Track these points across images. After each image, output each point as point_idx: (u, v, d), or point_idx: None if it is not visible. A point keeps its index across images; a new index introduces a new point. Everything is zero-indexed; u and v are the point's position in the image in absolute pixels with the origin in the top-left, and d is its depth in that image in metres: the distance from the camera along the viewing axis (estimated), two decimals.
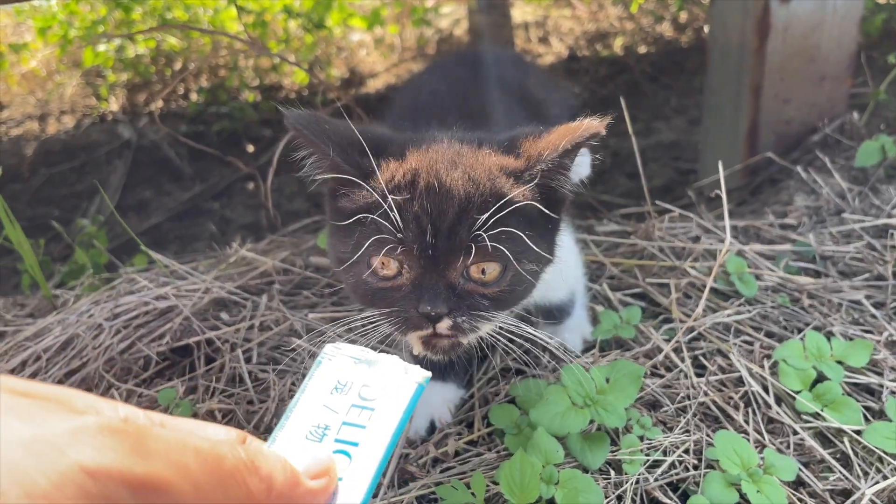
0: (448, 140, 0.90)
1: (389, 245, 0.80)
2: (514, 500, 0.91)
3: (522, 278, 0.85)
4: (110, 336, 1.31)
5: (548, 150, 0.84)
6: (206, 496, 0.43)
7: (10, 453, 0.36)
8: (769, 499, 0.95)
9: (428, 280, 0.80)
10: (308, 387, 0.62)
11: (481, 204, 0.80)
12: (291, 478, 0.50)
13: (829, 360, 1.15)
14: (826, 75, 1.88)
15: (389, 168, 0.85)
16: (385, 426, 0.58)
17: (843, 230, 1.51)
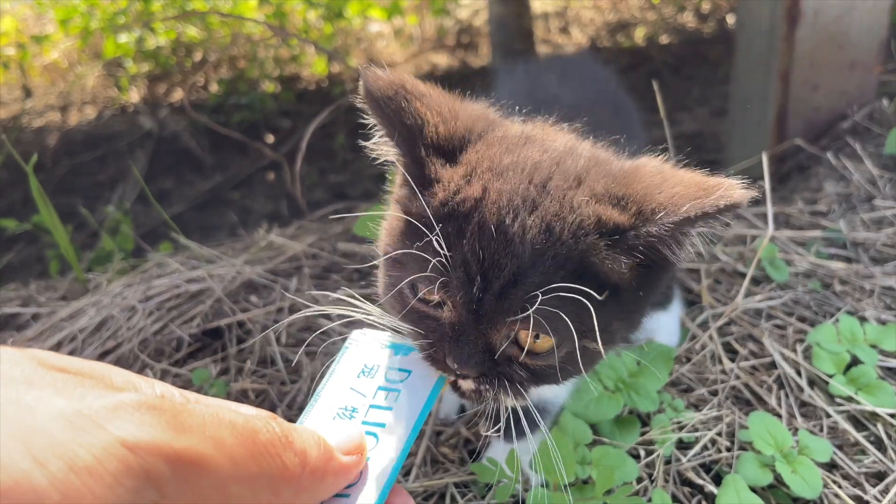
0: (545, 157, 0.70)
1: (432, 281, 0.65)
2: (550, 478, 0.92)
3: (581, 357, 0.67)
4: (144, 317, 1.33)
5: (664, 211, 0.62)
6: (242, 469, 0.44)
7: (52, 427, 0.37)
8: (804, 479, 0.94)
9: (468, 332, 0.65)
10: (336, 370, 0.63)
11: (552, 267, 0.63)
12: (325, 453, 0.51)
13: (863, 344, 1.15)
14: (856, 62, 1.86)
15: (449, 185, 0.67)
16: (411, 408, 0.59)
17: (875, 216, 1.49)
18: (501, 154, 0.70)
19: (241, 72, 3.79)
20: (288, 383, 1.20)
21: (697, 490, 1.00)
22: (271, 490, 0.46)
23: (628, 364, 1.09)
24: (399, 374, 0.63)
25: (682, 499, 0.98)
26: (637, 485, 0.99)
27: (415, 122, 0.69)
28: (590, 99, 1.19)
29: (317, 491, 0.50)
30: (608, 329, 0.67)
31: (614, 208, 0.65)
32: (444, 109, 0.72)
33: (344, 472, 0.52)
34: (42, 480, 0.35)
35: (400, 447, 0.56)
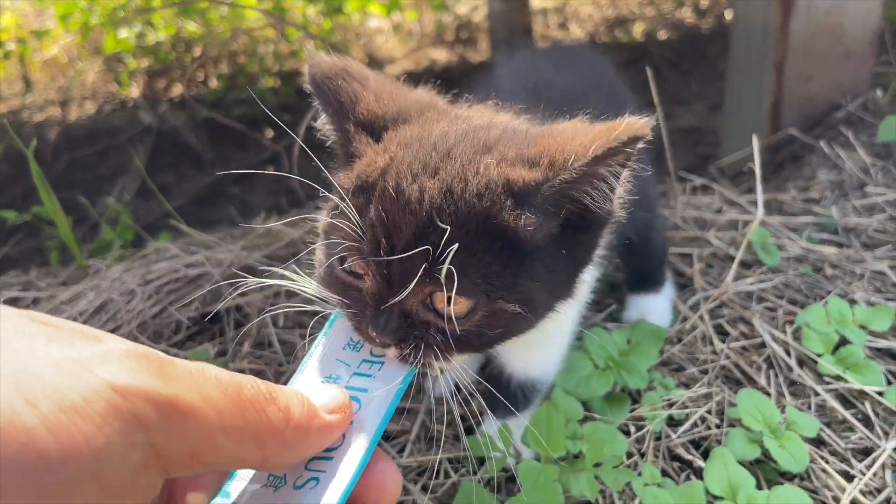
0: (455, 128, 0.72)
1: (350, 249, 0.67)
2: (541, 451, 0.93)
3: (498, 319, 0.67)
4: (143, 301, 1.34)
5: (573, 156, 0.64)
6: (228, 421, 0.44)
7: (42, 371, 0.38)
8: (791, 454, 0.96)
9: (383, 299, 0.66)
10: (322, 342, 0.65)
11: (453, 225, 0.63)
12: (309, 410, 0.51)
13: (852, 325, 1.16)
14: (849, 53, 1.87)
15: (366, 159, 0.70)
16: (393, 375, 0.61)
17: (866, 203, 1.51)
18: (412, 129, 0.72)
19: (240, 67, 3.81)
20: (284, 364, 1.21)
21: (686, 465, 1.02)
22: (256, 443, 0.47)
23: (619, 343, 1.11)
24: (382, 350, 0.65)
25: (672, 473, 1.00)
26: (627, 460, 1.01)
27: (348, 100, 0.72)
28: (584, 86, 1.20)
29: (301, 447, 0.51)
30: (525, 290, 0.67)
31: (525, 167, 0.67)
32: (382, 92, 0.74)
33: (328, 431, 0.53)
34: (33, 419, 0.36)
35: (382, 412, 0.57)
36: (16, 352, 0.39)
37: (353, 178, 0.69)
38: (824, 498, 0.96)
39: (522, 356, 0.98)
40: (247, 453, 0.47)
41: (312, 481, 0.53)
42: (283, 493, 0.53)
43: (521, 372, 1.00)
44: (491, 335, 0.69)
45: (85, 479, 0.38)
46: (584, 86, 1.17)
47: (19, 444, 0.35)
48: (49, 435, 0.36)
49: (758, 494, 0.87)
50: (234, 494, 0.54)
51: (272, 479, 0.54)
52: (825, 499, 0.96)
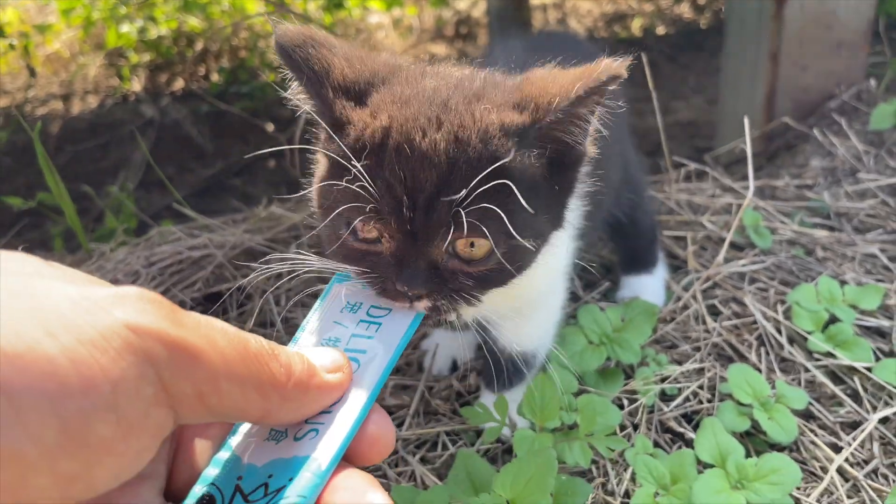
0: (442, 83, 0.75)
1: (365, 214, 0.68)
2: (536, 421, 0.96)
3: (516, 255, 0.73)
4: (147, 282, 1.37)
5: (557, 98, 0.68)
6: (233, 369, 0.46)
7: (61, 307, 0.40)
8: (780, 425, 0.99)
9: (408, 255, 0.68)
10: (320, 306, 0.65)
11: (469, 172, 0.67)
12: (309, 368, 0.53)
13: (842, 304, 1.19)
14: (843, 42, 1.89)
15: (359, 123, 0.71)
16: (392, 336, 0.62)
17: (858, 189, 1.53)
18: (401, 88, 0.74)
19: (241, 61, 3.83)
20: (287, 342, 1.24)
21: (678, 437, 1.04)
22: (260, 393, 0.48)
23: (613, 320, 1.13)
24: (381, 311, 0.66)
25: (664, 444, 1.03)
26: (620, 432, 1.03)
27: (322, 67, 0.73)
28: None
29: (301, 402, 0.52)
30: (533, 224, 0.72)
31: (514, 111, 0.71)
32: (351, 56, 0.76)
33: (327, 389, 0.55)
34: (53, 348, 0.38)
35: (380, 370, 0.59)
36: (35, 289, 0.41)
37: (352, 143, 0.70)
38: (812, 468, 0.98)
39: (515, 330, 1.00)
40: (250, 403, 0.48)
41: (312, 432, 0.54)
42: (283, 445, 0.55)
43: (514, 346, 1.03)
44: (511, 269, 0.73)
45: (102, 410, 0.39)
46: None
47: (41, 372, 0.37)
48: (69, 364, 0.38)
49: (747, 462, 0.90)
50: (236, 448, 0.55)
51: (273, 433, 0.56)
52: (813, 469, 0.98)
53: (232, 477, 0.53)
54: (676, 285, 1.31)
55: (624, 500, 0.94)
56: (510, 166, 0.68)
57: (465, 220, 0.66)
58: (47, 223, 2.44)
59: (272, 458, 0.54)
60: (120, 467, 0.42)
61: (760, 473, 0.88)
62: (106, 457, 0.40)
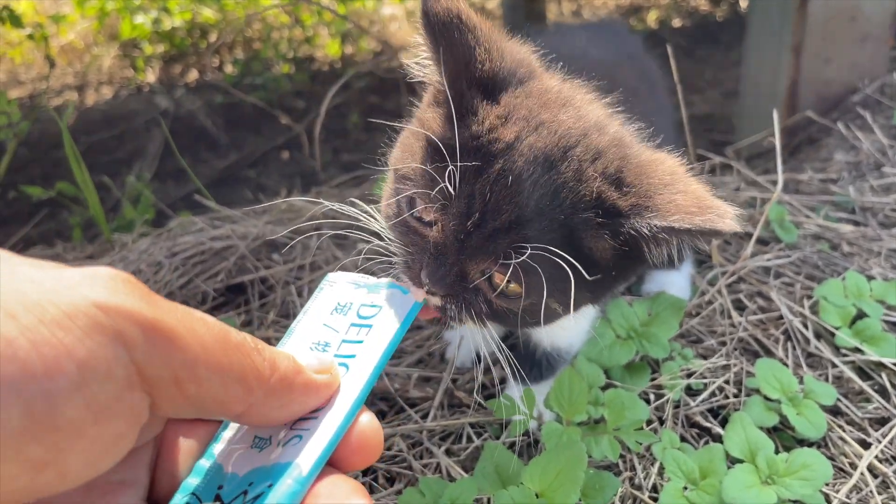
0: (575, 124, 0.72)
1: (434, 203, 0.69)
2: (564, 414, 0.95)
3: (538, 312, 0.71)
4: (170, 272, 1.37)
5: (657, 212, 0.66)
6: (212, 357, 0.44)
7: (24, 288, 0.37)
8: (809, 421, 0.98)
9: (446, 256, 0.68)
10: (310, 308, 0.64)
11: (547, 229, 0.67)
12: (295, 366, 0.51)
13: (869, 299, 1.18)
14: (868, 35, 1.87)
15: (485, 122, 0.70)
16: (381, 340, 0.61)
17: (883, 183, 1.52)
18: (539, 108, 0.73)
19: (255, 53, 3.83)
20: None
21: (705, 432, 1.04)
22: (242, 385, 0.46)
23: (640, 314, 1.13)
24: (371, 311, 0.65)
25: (690, 439, 1.02)
26: (647, 427, 1.03)
27: (463, 54, 0.71)
28: (616, 59, 1.19)
29: (287, 400, 0.51)
30: (572, 295, 0.70)
31: (617, 191, 0.69)
32: (492, 47, 0.74)
33: (314, 389, 0.53)
34: (13, 330, 0.36)
35: (368, 374, 0.58)
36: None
37: (467, 137, 0.69)
38: (841, 465, 0.98)
39: (550, 329, 0.98)
40: (231, 395, 0.46)
41: (296, 439, 0.52)
42: (266, 453, 0.53)
43: (546, 342, 1.03)
44: (528, 320, 0.73)
45: (69, 392, 0.38)
46: (615, 59, 1.18)
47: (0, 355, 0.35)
48: (30, 345, 0.36)
49: (777, 457, 0.89)
50: (218, 455, 0.54)
51: (257, 440, 0.54)
52: (842, 465, 0.98)
53: (213, 486, 0.52)
54: (701, 280, 1.30)
55: (652, 494, 0.93)
56: (582, 238, 0.69)
57: (512, 264, 0.66)
58: (63, 214, 2.45)
59: (255, 465, 0.52)
60: (93, 454, 0.40)
61: (791, 469, 0.87)
62: (77, 441, 0.38)
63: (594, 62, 1.08)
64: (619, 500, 0.93)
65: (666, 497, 0.87)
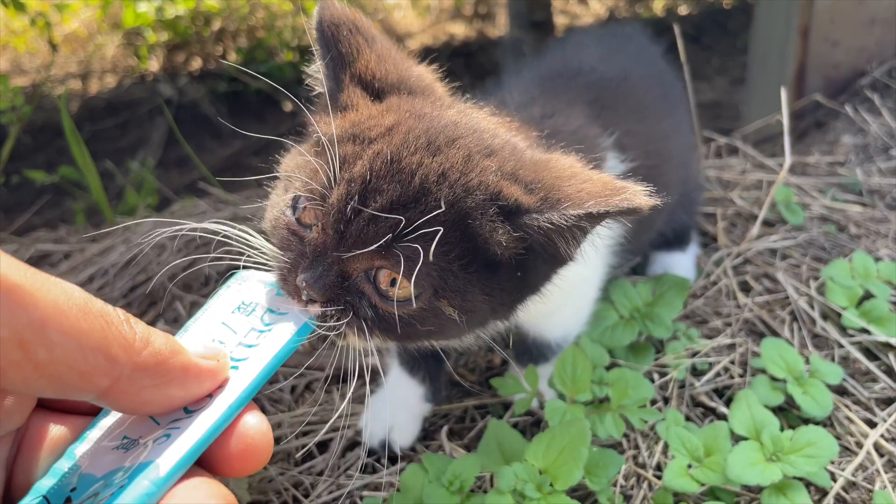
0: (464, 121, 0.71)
1: (313, 194, 0.64)
2: (567, 393, 0.95)
3: (432, 318, 0.66)
4: (173, 254, 1.37)
5: (570, 201, 0.62)
6: (66, 318, 0.40)
7: None
8: (815, 400, 0.97)
9: (326, 254, 0.63)
10: (211, 305, 0.60)
11: (431, 208, 0.62)
12: (172, 345, 0.47)
13: (876, 280, 1.17)
14: (876, 18, 1.85)
15: (363, 113, 0.69)
16: (275, 345, 0.57)
17: (891, 165, 1.51)
18: (423, 106, 0.71)
19: (259, 41, 3.82)
20: None
21: (710, 411, 1.03)
22: (104, 354, 0.42)
23: (644, 294, 1.12)
24: (274, 317, 0.60)
25: (695, 418, 1.02)
26: (651, 406, 1.02)
27: (349, 51, 0.70)
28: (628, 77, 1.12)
29: (163, 381, 0.46)
30: (471, 299, 0.66)
31: (520, 188, 0.65)
32: (386, 55, 0.73)
33: (195, 374, 0.48)
34: None
35: (254, 375, 0.54)
36: None
37: (346, 126, 0.67)
38: (847, 444, 0.97)
39: (541, 322, 0.96)
40: (93, 366, 0.41)
41: (164, 437, 0.48)
42: (132, 453, 0.48)
43: (539, 335, 1.00)
44: (420, 330, 0.67)
45: None
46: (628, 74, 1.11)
47: None
48: None
49: (782, 434, 0.88)
50: (79, 456, 0.49)
51: (125, 440, 0.50)
52: (848, 444, 0.97)
53: (65, 488, 0.47)
54: (707, 261, 1.29)
55: (656, 472, 0.93)
56: (479, 231, 0.64)
57: (407, 252, 0.61)
58: (67, 201, 2.45)
59: (116, 466, 0.48)
60: None
61: (796, 446, 0.87)
62: None
63: (602, 80, 1.05)
64: (624, 478, 0.92)
65: (670, 474, 0.87)
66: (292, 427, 1.07)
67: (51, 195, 2.53)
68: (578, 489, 0.90)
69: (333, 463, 1.00)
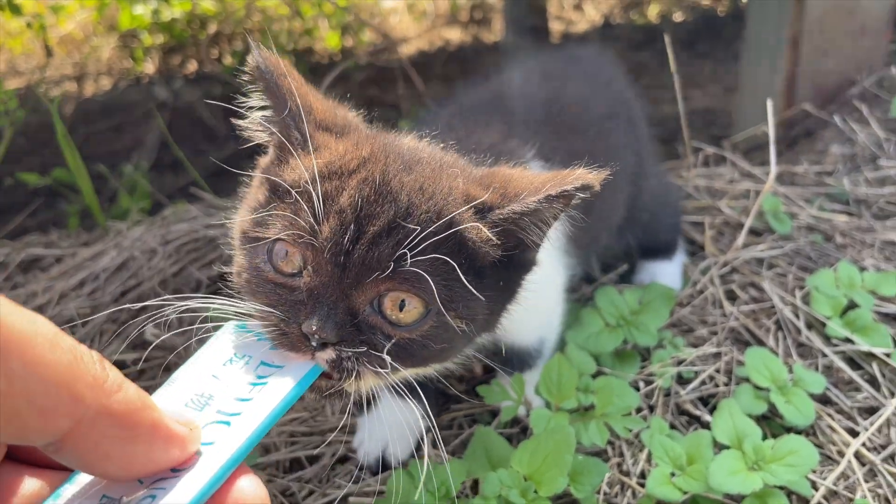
0: (416, 146, 0.76)
1: (300, 234, 0.63)
2: (553, 400, 0.96)
3: (444, 333, 0.67)
4: (163, 259, 1.37)
5: (525, 191, 0.66)
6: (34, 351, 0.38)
7: None
8: (798, 409, 0.98)
9: (328, 293, 0.62)
10: (200, 355, 0.58)
11: (424, 220, 0.64)
12: (145, 399, 0.44)
13: (861, 290, 1.18)
14: (865, 28, 1.87)
15: (336, 150, 0.70)
16: (271, 400, 0.55)
17: (878, 175, 1.52)
18: (382, 137, 0.75)
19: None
20: None
21: (695, 420, 1.04)
22: (70, 392, 0.39)
23: (630, 303, 1.13)
24: (270, 370, 0.58)
25: (680, 427, 1.02)
26: (637, 414, 1.03)
27: (304, 103, 0.71)
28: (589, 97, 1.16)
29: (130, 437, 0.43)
30: (472, 307, 0.68)
31: (480, 187, 0.69)
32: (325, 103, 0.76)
33: (165, 437, 0.45)
34: None
35: (249, 433, 0.52)
36: None
37: (321, 165, 0.67)
38: (829, 453, 0.98)
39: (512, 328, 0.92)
40: (55, 402, 0.39)
41: (149, 499, 0.46)
42: None
43: (514, 342, 1.00)
44: (435, 349, 0.68)
45: None
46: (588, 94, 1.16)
47: None
48: None
49: (764, 443, 0.89)
50: None
51: (104, 499, 0.47)
52: (830, 453, 0.98)
53: None
54: (694, 269, 1.30)
55: (640, 480, 0.94)
56: (465, 236, 0.66)
57: (410, 268, 0.62)
58: (61, 204, 2.45)
59: None
60: None
61: (777, 455, 0.88)
62: None
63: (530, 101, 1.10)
64: (608, 485, 0.93)
65: (653, 482, 0.87)
66: (280, 436, 1.08)
67: (44, 198, 2.53)
68: (563, 496, 0.91)
69: (324, 475, 1.01)
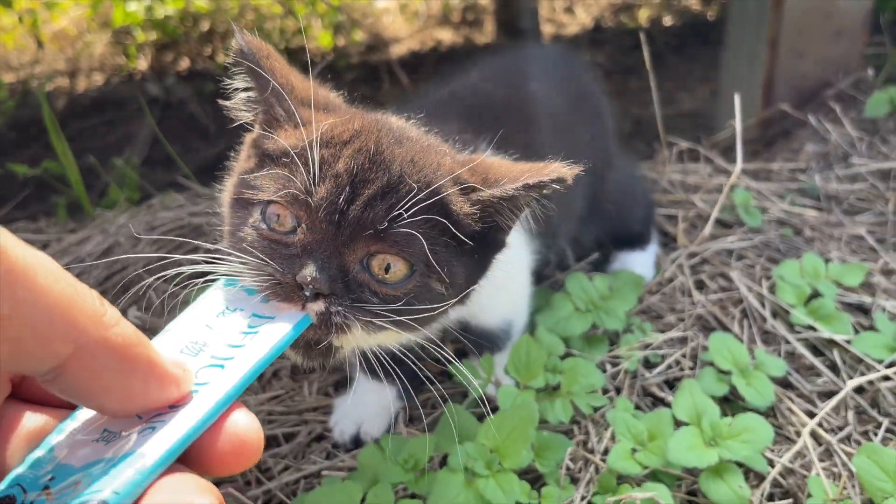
0: (403, 125, 0.81)
1: (295, 194, 0.67)
2: (521, 379, 0.99)
3: (426, 293, 0.71)
4: (148, 245, 1.40)
5: (506, 178, 0.72)
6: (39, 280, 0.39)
7: None
8: (758, 391, 1.02)
9: (322, 249, 0.66)
10: (191, 309, 0.60)
11: (413, 188, 0.69)
12: (142, 336, 0.45)
13: (825, 280, 1.22)
14: (842, 30, 1.91)
15: (328, 123, 0.73)
16: (264, 345, 0.57)
17: (850, 173, 1.56)
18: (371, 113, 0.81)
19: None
20: None
21: (660, 401, 1.07)
22: (71, 322, 0.41)
23: (600, 289, 1.16)
24: (261, 320, 0.61)
25: (644, 407, 1.06)
26: (604, 395, 1.06)
27: (286, 82, 0.75)
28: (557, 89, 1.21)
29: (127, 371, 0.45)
30: (453, 271, 0.73)
31: (467, 171, 0.74)
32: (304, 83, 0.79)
33: (159, 375, 0.47)
34: None
35: (243, 373, 0.54)
36: None
37: (311, 136, 0.70)
38: (787, 433, 1.01)
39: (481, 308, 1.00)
40: (56, 331, 0.40)
41: (148, 430, 0.48)
42: (113, 445, 0.48)
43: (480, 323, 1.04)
44: (417, 308, 0.71)
45: None
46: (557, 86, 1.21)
47: None
48: None
49: (721, 420, 0.93)
50: (56, 446, 0.49)
51: (106, 433, 0.49)
52: (788, 434, 1.01)
53: (42, 476, 0.47)
54: (666, 259, 1.34)
55: (603, 457, 0.97)
56: (450, 207, 0.72)
57: (400, 231, 0.67)
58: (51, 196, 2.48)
59: (96, 458, 0.47)
60: None
61: (734, 432, 0.91)
62: None
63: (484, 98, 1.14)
64: (572, 461, 0.96)
65: (614, 457, 0.91)
66: (258, 415, 1.10)
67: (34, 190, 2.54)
68: (529, 471, 0.94)
69: (299, 451, 1.04)
